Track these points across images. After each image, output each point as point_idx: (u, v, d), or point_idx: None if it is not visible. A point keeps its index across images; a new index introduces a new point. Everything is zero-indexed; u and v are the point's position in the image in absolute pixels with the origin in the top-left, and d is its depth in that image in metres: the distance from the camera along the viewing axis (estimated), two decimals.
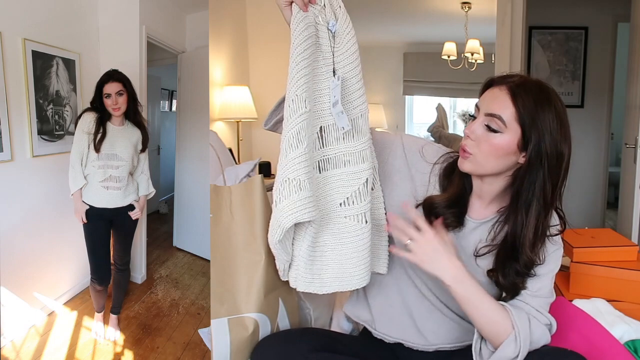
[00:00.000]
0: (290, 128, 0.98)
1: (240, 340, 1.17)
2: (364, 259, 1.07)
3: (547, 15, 4.00)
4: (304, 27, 0.98)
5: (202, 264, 3.44)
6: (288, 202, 0.98)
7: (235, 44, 3.31)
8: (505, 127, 0.96)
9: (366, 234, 1.06)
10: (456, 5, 4.61)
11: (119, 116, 2.22)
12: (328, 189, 1.06)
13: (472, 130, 0.99)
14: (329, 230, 1.07)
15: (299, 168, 0.98)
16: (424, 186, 1.11)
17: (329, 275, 1.07)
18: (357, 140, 1.05)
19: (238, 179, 1.77)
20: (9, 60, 2.17)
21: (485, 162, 0.99)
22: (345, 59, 1.02)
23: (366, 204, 1.05)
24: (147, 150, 2.37)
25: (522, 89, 0.96)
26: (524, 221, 0.99)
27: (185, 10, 3.55)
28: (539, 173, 0.96)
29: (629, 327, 1.33)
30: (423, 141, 1.16)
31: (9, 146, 2.20)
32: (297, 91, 0.97)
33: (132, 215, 2.30)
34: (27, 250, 2.36)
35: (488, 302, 0.99)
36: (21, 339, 2.30)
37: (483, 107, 1.00)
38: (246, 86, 3.15)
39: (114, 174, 2.21)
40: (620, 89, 3.79)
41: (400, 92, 6.75)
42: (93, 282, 2.28)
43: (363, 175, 1.05)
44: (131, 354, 2.27)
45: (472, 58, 5.03)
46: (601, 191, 4.19)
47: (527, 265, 1.01)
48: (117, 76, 2.21)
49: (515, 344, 0.96)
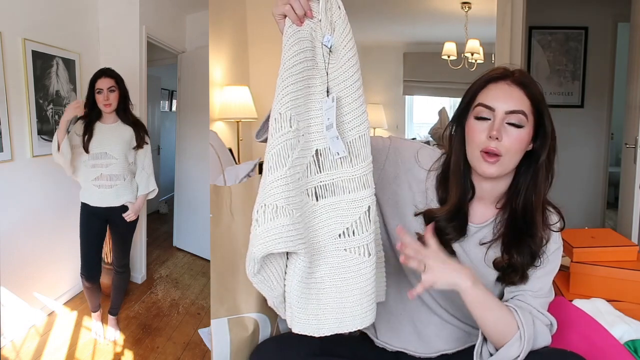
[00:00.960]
0: (271, 149, 0.90)
1: (240, 340, 1.17)
2: (368, 296, 0.96)
3: (547, 15, 4.00)
4: (294, 41, 0.91)
5: (202, 264, 3.44)
6: (261, 229, 0.88)
7: (235, 44, 3.31)
8: (527, 120, 0.98)
9: (369, 268, 0.95)
10: (456, 5, 4.60)
11: (109, 113, 2.22)
12: (325, 218, 0.96)
13: (499, 131, 0.97)
14: (327, 265, 0.97)
15: (276, 193, 0.88)
16: (421, 193, 1.09)
17: (328, 316, 0.97)
18: (357, 165, 0.94)
19: (238, 179, 1.78)
20: (9, 60, 2.17)
21: (512, 159, 0.99)
22: (341, 76, 0.92)
23: (369, 234, 0.95)
24: (146, 148, 2.33)
25: (527, 82, 1.00)
26: (535, 199, 1.02)
27: (185, 10, 3.55)
28: (549, 153, 1.02)
29: (629, 327, 1.32)
30: (416, 145, 1.14)
31: (9, 146, 2.20)
32: (281, 109, 0.89)
33: (125, 217, 2.25)
34: (27, 250, 2.36)
35: (496, 303, 0.98)
36: (21, 339, 2.30)
37: (499, 105, 0.98)
38: (246, 86, 3.15)
39: (105, 172, 2.21)
40: (620, 89, 3.79)
41: (400, 92, 6.75)
42: (82, 277, 2.28)
43: (364, 203, 0.95)
44: (131, 354, 2.27)
45: (472, 58, 5.03)
46: (601, 191, 4.19)
47: (540, 243, 1.03)
48: (110, 73, 2.22)
49: (520, 344, 0.96)
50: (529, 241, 1.02)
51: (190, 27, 3.64)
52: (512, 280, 1.03)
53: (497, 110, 0.98)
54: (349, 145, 0.93)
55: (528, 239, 1.02)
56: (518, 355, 0.95)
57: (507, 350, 0.96)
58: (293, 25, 0.92)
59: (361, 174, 0.95)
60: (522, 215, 1.03)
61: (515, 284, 1.04)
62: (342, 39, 0.92)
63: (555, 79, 4.11)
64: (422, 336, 1.14)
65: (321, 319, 0.97)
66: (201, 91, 3.15)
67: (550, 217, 1.06)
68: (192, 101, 3.58)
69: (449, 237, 1.04)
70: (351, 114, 0.93)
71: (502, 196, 1.06)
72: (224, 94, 3.08)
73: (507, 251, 1.03)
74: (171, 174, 4.08)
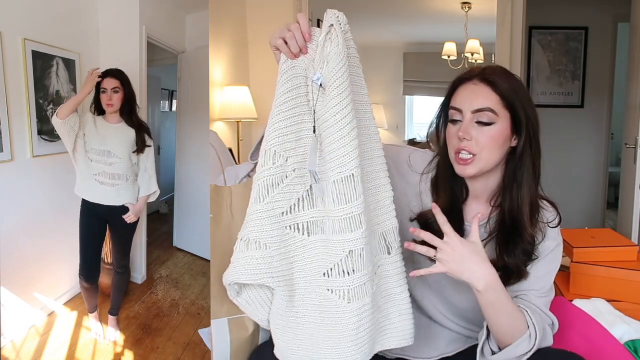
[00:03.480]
0: (254, 182, 0.92)
1: (240, 341, 1.17)
2: (348, 342, 0.90)
3: (547, 15, 4.00)
4: (287, 78, 0.90)
5: (202, 264, 3.44)
6: (234, 258, 0.95)
7: (235, 44, 3.31)
8: (497, 115, 0.97)
9: (348, 316, 0.90)
10: (456, 5, 4.61)
11: (111, 113, 2.23)
12: (314, 254, 0.95)
13: (466, 132, 0.97)
14: (310, 301, 0.95)
15: (251, 225, 0.92)
16: (416, 196, 1.09)
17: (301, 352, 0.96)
18: (339, 206, 0.89)
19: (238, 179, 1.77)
20: (9, 60, 2.17)
21: (490, 156, 0.98)
22: (325, 114, 0.88)
23: (351, 279, 0.89)
24: (148, 151, 2.33)
25: (493, 76, 0.99)
26: (520, 197, 1.01)
27: (185, 10, 3.55)
28: (528, 146, 1.00)
29: (629, 327, 1.33)
30: (407, 150, 1.14)
31: (9, 146, 2.20)
32: (267, 145, 0.91)
33: (126, 219, 2.26)
34: (27, 250, 2.36)
35: (510, 305, 0.97)
36: (21, 339, 2.30)
37: (465, 106, 0.99)
38: (246, 86, 3.15)
39: (107, 170, 2.21)
40: (620, 89, 3.80)
41: (400, 92, 6.77)
42: (80, 278, 2.28)
43: (347, 246, 0.89)
44: (131, 354, 2.27)
45: (472, 58, 5.03)
46: (601, 191, 4.18)
47: (530, 241, 1.01)
48: (116, 74, 2.22)
49: (529, 342, 0.96)
50: (519, 241, 1.01)
51: (190, 27, 3.63)
52: (510, 279, 1.03)
53: (464, 111, 0.99)
54: (333, 184, 0.89)
55: (517, 238, 1.01)
56: (524, 353, 0.95)
57: (513, 349, 0.96)
58: (288, 60, 0.90)
59: (345, 215, 0.89)
60: (509, 213, 1.02)
61: (513, 283, 1.03)
62: (332, 75, 0.87)
63: (555, 79, 4.11)
64: (423, 341, 1.13)
65: (295, 351, 0.97)
66: (201, 91, 3.15)
67: (543, 213, 1.05)
68: (192, 101, 3.58)
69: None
70: (333, 153, 0.89)
71: (496, 193, 1.05)
72: (224, 94, 3.08)
73: (499, 252, 1.03)
74: (171, 174, 4.08)
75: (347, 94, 0.87)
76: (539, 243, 1.03)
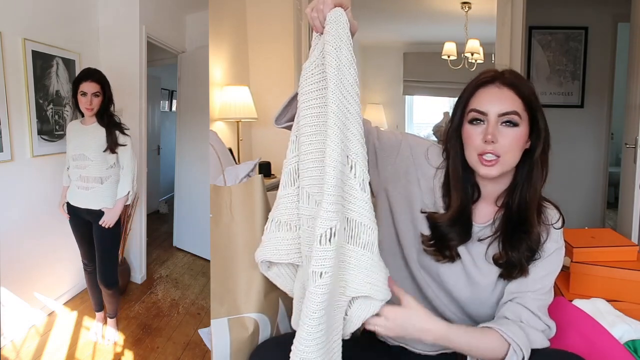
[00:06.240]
0: (285, 167, 0.97)
1: (240, 340, 1.17)
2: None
3: (547, 15, 4.01)
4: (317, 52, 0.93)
5: (202, 264, 3.44)
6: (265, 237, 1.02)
7: (235, 44, 3.31)
8: (521, 118, 1.00)
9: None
10: (456, 5, 4.61)
11: (90, 116, 2.19)
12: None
13: (494, 135, 0.99)
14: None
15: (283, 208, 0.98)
16: (429, 191, 1.09)
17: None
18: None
19: (238, 179, 1.78)
20: (9, 60, 2.17)
21: (512, 158, 1.01)
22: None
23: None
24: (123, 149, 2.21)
25: (518, 82, 1.02)
26: (529, 196, 1.04)
27: (185, 10, 3.55)
28: (539, 145, 1.03)
29: (629, 327, 1.33)
30: (427, 142, 1.15)
31: (9, 146, 2.20)
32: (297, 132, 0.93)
33: (101, 223, 2.16)
34: (27, 250, 2.36)
35: (477, 337, 0.99)
36: (21, 339, 2.30)
37: (491, 109, 1.00)
38: (246, 86, 3.15)
39: (83, 174, 2.19)
40: (620, 89, 3.79)
41: (400, 92, 6.78)
42: (84, 264, 2.29)
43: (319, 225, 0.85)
44: (131, 354, 2.27)
45: (472, 58, 5.03)
46: (601, 191, 4.19)
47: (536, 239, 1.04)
48: (97, 77, 2.18)
49: (517, 356, 0.97)
50: (525, 237, 1.03)
51: (190, 27, 3.63)
52: (512, 274, 1.04)
53: (489, 114, 1.00)
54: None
55: (523, 235, 1.03)
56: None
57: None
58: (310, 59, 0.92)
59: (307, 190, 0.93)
60: (517, 212, 1.04)
61: (515, 277, 1.04)
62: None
63: (555, 79, 4.11)
64: None
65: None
66: (201, 91, 3.15)
67: (547, 212, 1.07)
68: (192, 101, 3.58)
69: (452, 243, 1.05)
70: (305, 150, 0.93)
71: (503, 194, 1.07)
72: (224, 94, 3.09)
73: (504, 248, 1.04)
74: (171, 174, 4.07)
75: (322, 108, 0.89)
76: (544, 242, 1.05)
